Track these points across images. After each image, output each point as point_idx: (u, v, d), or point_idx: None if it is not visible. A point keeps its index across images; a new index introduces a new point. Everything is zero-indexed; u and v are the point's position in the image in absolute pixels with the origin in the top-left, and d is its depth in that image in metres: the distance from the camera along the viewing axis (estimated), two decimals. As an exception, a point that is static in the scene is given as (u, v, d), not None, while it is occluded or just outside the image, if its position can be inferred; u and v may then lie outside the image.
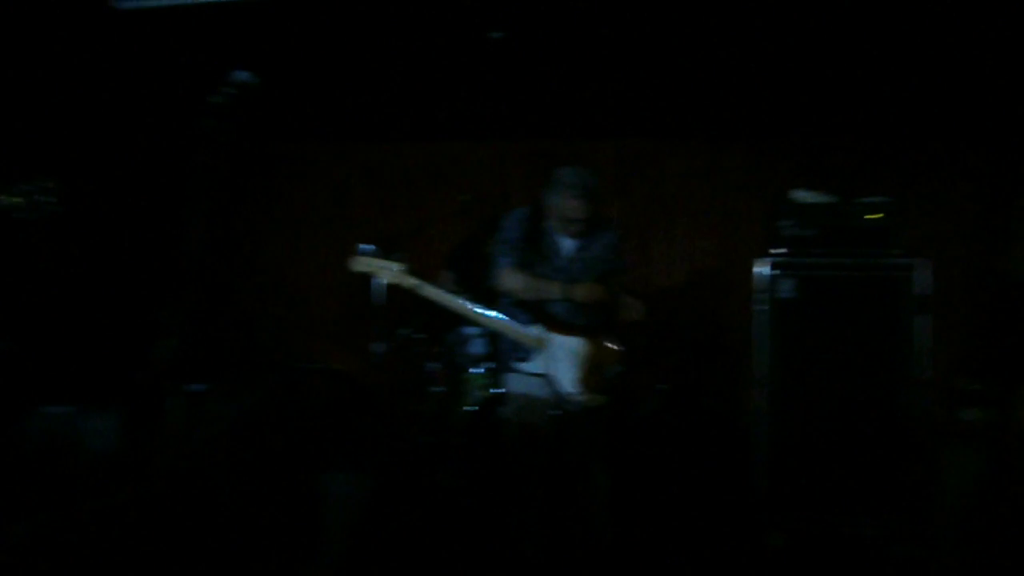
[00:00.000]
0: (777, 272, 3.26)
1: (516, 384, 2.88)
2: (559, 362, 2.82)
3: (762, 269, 3.28)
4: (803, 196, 3.38)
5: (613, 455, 3.00)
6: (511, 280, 2.86)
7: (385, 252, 2.87)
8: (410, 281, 2.83)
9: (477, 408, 3.62)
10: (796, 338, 3.22)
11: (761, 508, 3.21)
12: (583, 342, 2.84)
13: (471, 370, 3.74)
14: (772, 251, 3.30)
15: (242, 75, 2.16)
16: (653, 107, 4.27)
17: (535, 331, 2.83)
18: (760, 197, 4.31)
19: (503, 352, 2.94)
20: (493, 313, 2.86)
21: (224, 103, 2.12)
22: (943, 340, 3.25)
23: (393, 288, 2.90)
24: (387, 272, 2.84)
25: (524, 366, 2.83)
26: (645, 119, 4.44)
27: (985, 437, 2.90)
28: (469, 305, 2.86)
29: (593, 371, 2.84)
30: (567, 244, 2.90)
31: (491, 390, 3.58)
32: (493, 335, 3.22)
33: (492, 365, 3.61)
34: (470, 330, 3.76)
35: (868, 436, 3.14)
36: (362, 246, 2.87)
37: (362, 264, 2.86)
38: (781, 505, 3.19)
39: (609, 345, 2.89)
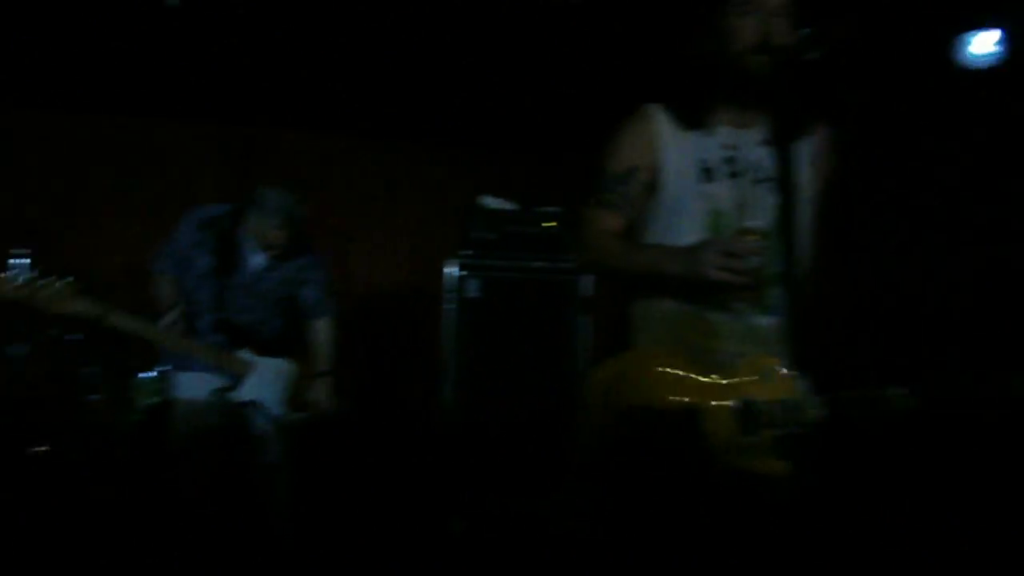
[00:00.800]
0: (464, 273, 3.42)
1: (188, 388, 2.66)
2: (267, 386, 2.70)
3: (451, 270, 3.43)
4: (490, 203, 3.60)
5: (300, 460, 2.93)
6: (159, 293, 2.66)
7: (41, 257, 2.25)
8: (84, 306, 2.31)
9: (144, 418, 3.27)
10: (481, 335, 3.42)
11: (447, 496, 3.35)
12: (285, 362, 2.77)
13: (139, 375, 3.37)
14: (461, 253, 3.46)
15: None
16: (357, 104, 4.22)
17: (245, 356, 2.68)
18: (454, 202, 4.50)
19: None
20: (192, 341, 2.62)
21: None
22: (602, 337, 3.66)
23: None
24: (46, 295, 2.24)
25: (233, 395, 2.64)
26: (350, 115, 4.39)
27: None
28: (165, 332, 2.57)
29: (297, 390, 2.78)
30: (257, 259, 2.75)
31: (159, 397, 3.26)
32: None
33: (166, 368, 3.29)
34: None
35: (540, 424, 3.43)
36: (14, 259, 2.21)
37: (10, 288, 2.20)
38: (465, 492, 3.36)
39: (307, 362, 2.85)
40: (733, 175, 1.65)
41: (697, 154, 1.66)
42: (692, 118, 1.68)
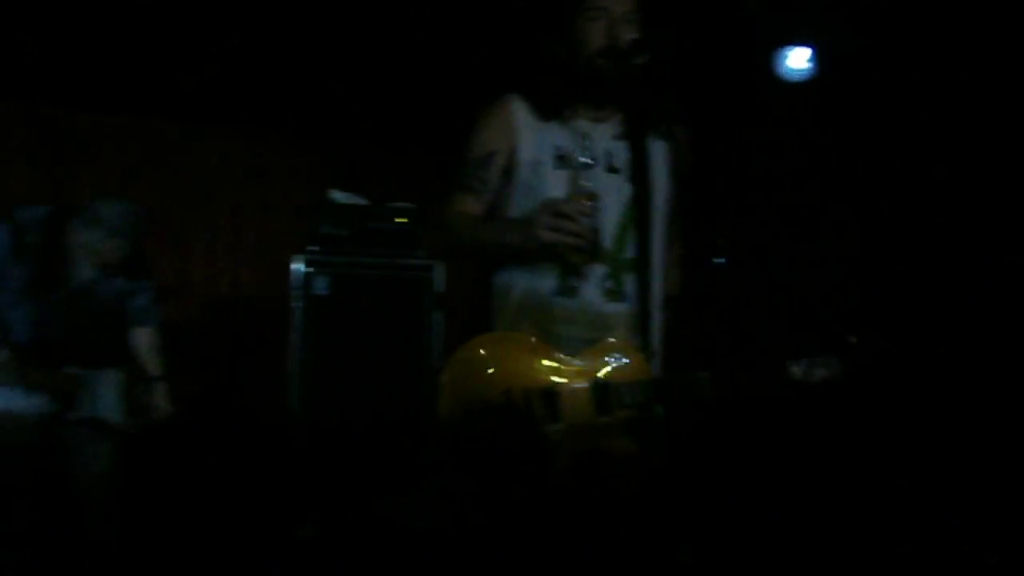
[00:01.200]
0: (311, 270, 3.30)
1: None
2: (102, 399, 2.51)
3: (298, 266, 3.30)
4: (339, 197, 3.49)
5: (139, 470, 2.75)
6: None
7: None
8: None
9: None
10: (330, 334, 3.31)
11: (294, 503, 3.22)
12: (116, 372, 2.59)
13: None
14: (308, 249, 3.33)
15: None
16: (193, 87, 3.94)
17: (72, 372, 2.46)
18: (303, 194, 4.33)
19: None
20: None
21: None
22: (454, 335, 3.67)
23: None
24: None
25: (71, 415, 2.43)
26: (185, 99, 4.08)
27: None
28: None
29: (133, 398, 2.62)
30: (86, 273, 2.53)
31: None
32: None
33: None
34: None
35: (393, 423, 3.38)
36: None
37: None
38: (315, 497, 3.24)
39: (138, 368, 2.68)
40: (587, 164, 1.72)
41: (552, 142, 1.73)
42: (548, 109, 1.75)
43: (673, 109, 1.74)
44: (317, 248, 3.34)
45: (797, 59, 3.56)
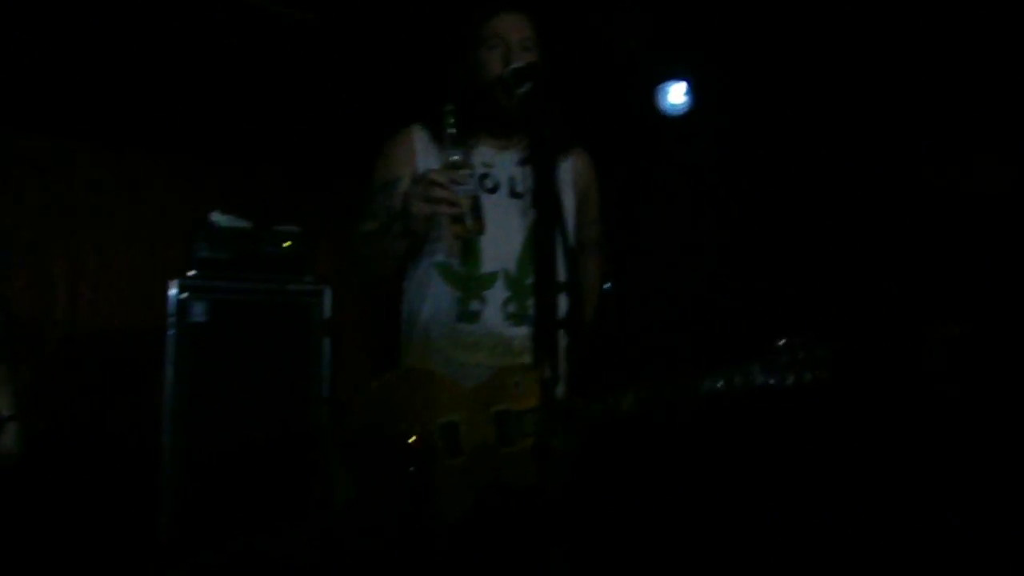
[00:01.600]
0: (186, 295, 3.13)
1: None
2: None
3: (174, 291, 3.12)
4: (219, 219, 3.33)
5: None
6: None
7: None
8: None
9: None
10: (208, 363, 3.14)
11: (167, 544, 3.00)
12: None
13: None
14: (187, 273, 3.17)
15: None
16: (62, 100, 3.64)
17: None
18: (180, 216, 4.09)
19: None
20: None
21: None
22: (343, 361, 3.56)
23: None
24: None
25: None
26: (53, 112, 3.77)
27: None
28: None
29: None
30: None
31: None
32: None
33: None
34: None
35: (277, 455, 3.23)
36: None
37: None
38: (190, 535, 3.03)
39: None
40: (489, 190, 1.72)
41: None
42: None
43: (564, 136, 1.77)
44: (195, 272, 3.17)
45: (675, 94, 3.74)
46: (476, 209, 1.55)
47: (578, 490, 1.53)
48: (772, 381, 1.55)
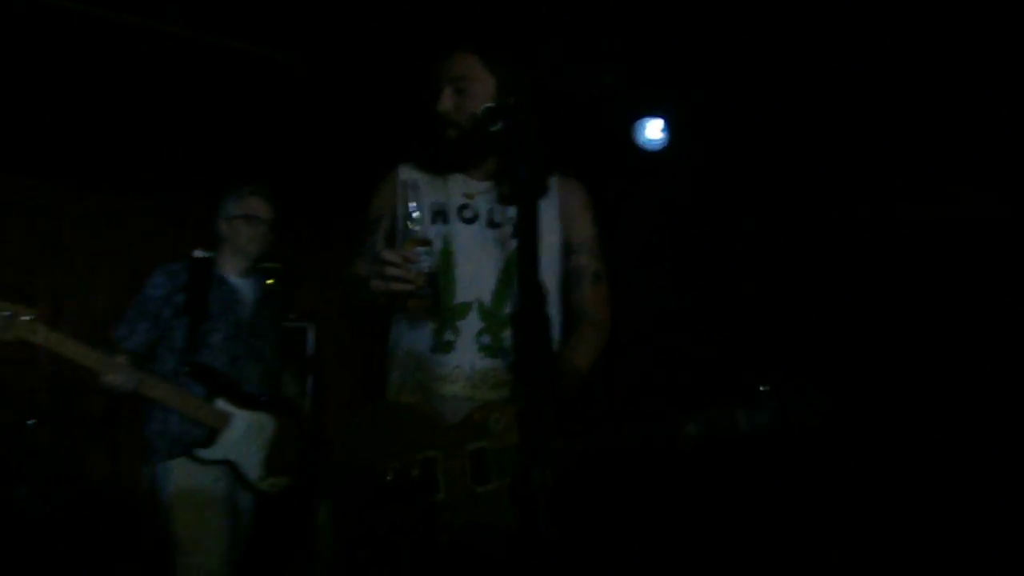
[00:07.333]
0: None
1: (184, 478, 2.25)
2: (244, 444, 2.32)
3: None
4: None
5: None
6: None
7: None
8: (43, 334, 2.21)
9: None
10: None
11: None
12: (269, 417, 2.43)
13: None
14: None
15: None
16: (50, 142, 3.68)
17: (220, 405, 2.32)
18: (163, 254, 4.08)
19: (169, 434, 2.30)
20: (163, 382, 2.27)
21: None
22: (325, 398, 3.56)
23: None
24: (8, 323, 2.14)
25: (203, 452, 2.26)
26: (34, 154, 3.80)
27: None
28: (127, 368, 2.23)
29: (278, 451, 2.43)
30: None
31: None
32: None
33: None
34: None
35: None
36: None
37: None
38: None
39: (291, 418, 2.51)
40: (467, 220, 1.75)
41: (431, 198, 1.77)
42: (430, 167, 1.80)
43: (541, 174, 1.78)
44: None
45: (652, 130, 3.81)
46: (433, 286, 1.57)
47: (555, 529, 1.53)
48: (760, 425, 1.50)
